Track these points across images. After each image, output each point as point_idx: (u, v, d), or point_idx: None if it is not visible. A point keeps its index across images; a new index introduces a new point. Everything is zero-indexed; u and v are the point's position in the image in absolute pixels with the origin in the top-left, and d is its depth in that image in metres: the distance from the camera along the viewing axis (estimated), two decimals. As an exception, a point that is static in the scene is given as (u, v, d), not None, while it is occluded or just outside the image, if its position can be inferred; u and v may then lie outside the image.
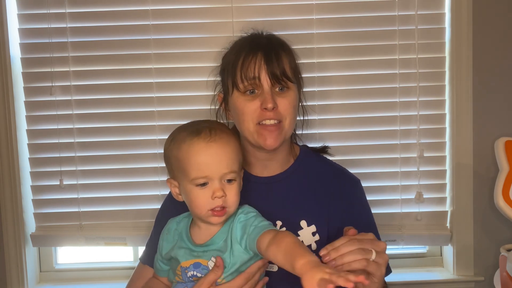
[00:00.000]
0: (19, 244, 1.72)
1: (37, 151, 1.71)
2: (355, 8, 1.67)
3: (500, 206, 1.58)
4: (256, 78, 1.18)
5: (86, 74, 1.68)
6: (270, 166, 1.27)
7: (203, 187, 1.08)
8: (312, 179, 1.27)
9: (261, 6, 1.66)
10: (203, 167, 1.07)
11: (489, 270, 1.72)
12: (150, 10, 1.67)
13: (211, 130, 1.09)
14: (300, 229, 1.22)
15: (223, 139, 1.09)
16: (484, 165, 1.70)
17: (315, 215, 1.23)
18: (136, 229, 1.71)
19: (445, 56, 1.69)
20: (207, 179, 1.07)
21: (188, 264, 1.10)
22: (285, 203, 1.24)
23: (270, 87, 1.18)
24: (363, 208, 1.31)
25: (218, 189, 1.07)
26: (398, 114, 1.69)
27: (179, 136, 1.12)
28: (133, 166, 1.71)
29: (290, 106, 1.20)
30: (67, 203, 1.71)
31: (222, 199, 1.07)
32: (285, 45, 1.26)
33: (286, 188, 1.26)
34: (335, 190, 1.27)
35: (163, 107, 1.69)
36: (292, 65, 1.23)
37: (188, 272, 1.09)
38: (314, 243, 1.22)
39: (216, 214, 1.08)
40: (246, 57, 1.20)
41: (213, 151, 1.07)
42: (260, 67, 1.18)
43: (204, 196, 1.07)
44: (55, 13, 1.66)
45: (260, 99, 1.18)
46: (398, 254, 1.81)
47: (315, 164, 1.31)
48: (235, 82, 1.20)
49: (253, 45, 1.22)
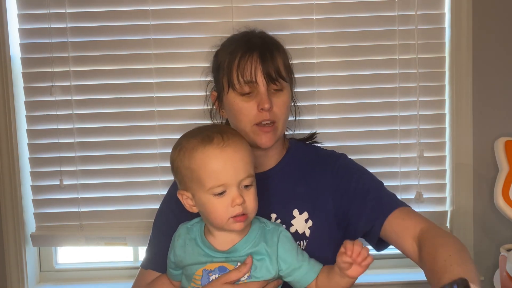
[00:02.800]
0: (19, 244, 1.72)
1: (37, 151, 1.71)
2: (355, 8, 1.67)
3: (500, 206, 1.59)
4: (253, 81, 1.18)
5: (86, 74, 1.68)
6: (264, 162, 1.28)
7: (221, 196, 1.02)
8: (302, 167, 1.29)
9: (261, 6, 1.66)
10: (220, 175, 1.02)
11: (489, 270, 1.72)
12: (150, 10, 1.67)
13: (223, 134, 1.05)
14: (293, 218, 1.23)
15: (237, 143, 1.05)
16: (484, 165, 1.71)
17: (306, 201, 1.24)
18: (136, 229, 1.71)
19: (445, 56, 1.69)
20: (224, 187, 1.02)
21: (213, 267, 1.06)
22: (279, 195, 1.25)
23: (266, 88, 1.19)
24: (355, 168, 1.29)
25: (237, 196, 1.02)
26: (398, 114, 1.69)
27: (188, 145, 1.05)
28: (133, 166, 1.71)
29: (284, 106, 1.21)
30: (67, 203, 1.72)
31: (242, 206, 1.03)
32: (279, 44, 1.27)
33: (279, 181, 1.27)
34: (322, 169, 1.27)
35: (163, 107, 1.69)
36: (286, 64, 1.24)
37: (212, 275, 1.06)
38: (307, 229, 1.23)
39: (238, 220, 1.03)
40: (243, 57, 1.19)
41: (228, 157, 1.02)
42: (256, 68, 1.18)
43: (223, 205, 1.02)
44: (55, 13, 1.66)
45: (256, 100, 1.18)
46: (398, 254, 1.80)
47: (303, 152, 1.32)
48: (231, 81, 1.20)
49: (249, 45, 1.22)
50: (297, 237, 1.22)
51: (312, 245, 1.23)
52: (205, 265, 1.07)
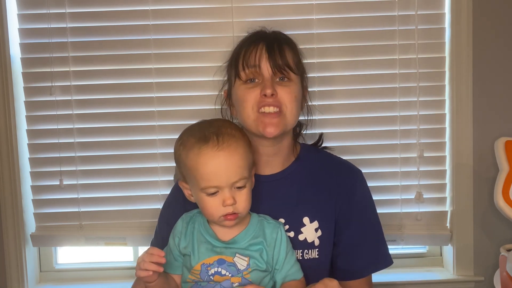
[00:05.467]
0: (19, 244, 1.72)
1: (37, 151, 1.71)
2: (355, 8, 1.67)
3: (500, 206, 1.58)
4: (256, 66, 1.18)
5: (86, 74, 1.68)
6: (273, 163, 1.26)
7: (214, 196, 1.08)
8: (313, 175, 1.27)
9: (261, 6, 1.66)
10: (212, 178, 1.06)
11: (489, 270, 1.72)
12: (150, 10, 1.67)
13: (219, 136, 1.08)
14: (303, 226, 1.22)
15: (231, 146, 1.08)
16: (484, 165, 1.71)
17: (317, 210, 1.24)
18: (136, 229, 1.71)
19: (445, 56, 1.69)
20: (217, 188, 1.07)
21: (212, 261, 1.09)
22: (288, 200, 1.24)
23: (271, 76, 1.18)
24: (365, 201, 1.29)
25: (228, 198, 1.07)
26: (398, 114, 1.69)
27: (188, 142, 1.10)
28: (133, 166, 1.71)
29: (290, 95, 1.19)
30: (67, 203, 1.72)
31: (232, 207, 1.07)
32: (290, 40, 1.27)
33: (288, 186, 1.26)
34: (336, 183, 1.26)
35: (163, 107, 1.69)
36: (295, 60, 1.23)
37: (210, 269, 1.09)
38: (317, 239, 1.22)
39: (228, 218, 1.09)
40: (248, 47, 1.21)
41: (221, 161, 1.06)
42: (261, 55, 1.19)
43: (215, 203, 1.08)
44: (55, 13, 1.66)
45: (260, 87, 1.18)
46: (398, 254, 1.81)
47: (315, 159, 1.31)
48: (237, 71, 1.21)
49: (257, 37, 1.24)
50: (305, 246, 1.22)
51: (322, 255, 1.23)
52: (204, 259, 1.10)
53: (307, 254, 1.21)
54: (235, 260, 1.09)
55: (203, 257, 1.10)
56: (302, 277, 1.15)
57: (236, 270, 1.09)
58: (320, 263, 1.23)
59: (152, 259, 1.02)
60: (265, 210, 1.19)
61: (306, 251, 1.21)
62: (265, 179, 1.26)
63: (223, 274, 1.08)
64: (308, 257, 1.21)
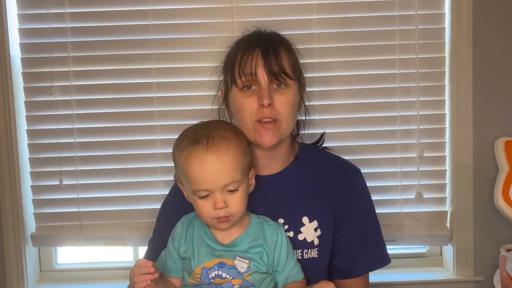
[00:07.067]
0: (19, 244, 1.72)
1: (37, 151, 1.71)
2: (355, 8, 1.67)
3: (500, 206, 1.58)
4: (253, 74, 1.17)
5: (86, 74, 1.68)
6: (271, 165, 1.26)
7: (205, 199, 1.07)
8: (312, 174, 1.27)
9: (261, 6, 1.66)
10: (201, 181, 1.06)
11: (489, 270, 1.72)
12: (150, 10, 1.67)
13: (209, 139, 1.07)
14: (302, 225, 1.22)
15: (221, 149, 1.06)
16: (484, 165, 1.70)
17: (317, 210, 1.24)
18: (136, 229, 1.71)
19: (445, 56, 1.69)
20: (207, 191, 1.06)
21: (212, 264, 1.09)
22: (287, 200, 1.24)
23: (268, 84, 1.17)
24: (364, 200, 1.29)
25: (219, 201, 1.06)
26: (398, 114, 1.69)
27: (181, 143, 1.10)
28: (133, 166, 1.71)
29: (287, 104, 1.18)
30: (67, 203, 1.72)
31: (224, 210, 1.06)
32: (286, 42, 1.25)
33: (287, 186, 1.26)
34: (335, 181, 1.26)
35: (163, 107, 1.69)
36: (291, 63, 1.21)
37: (211, 273, 1.08)
38: (316, 238, 1.22)
39: (221, 221, 1.08)
40: (244, 53, 1.19)
41: (209, 165, 1.05)
42: (257, 63, 1.17)
43: (207, 206, 1.07)
44: (55, 13, 1.66)
45: (257, 96, 1.17)
46: (398, 254, 1.81)
47: (314, 158, 1.30)
48: (233, 77, 1.20)
49: (252, 42, 1.22)
50: (305, 245, 1.21)
51: (322, 255, 1.23)
52: (204, 263, 1.09)
53: (307, 253, 1.21)
54: (236, 263, 1.08)
55: (203, 260, 1.10)
56: (303, 278, 1.15)
57: (236, 272, 1.08)
58: (320, 262, 1.23)
59: (142, 270, 1.01)
60: (265, 210, 1.19)
61: (306, 251, 1.21)
62: (264, 179, 1.26)
63: (223, 277, 1.08)
64: (308, 257, 1.21)
